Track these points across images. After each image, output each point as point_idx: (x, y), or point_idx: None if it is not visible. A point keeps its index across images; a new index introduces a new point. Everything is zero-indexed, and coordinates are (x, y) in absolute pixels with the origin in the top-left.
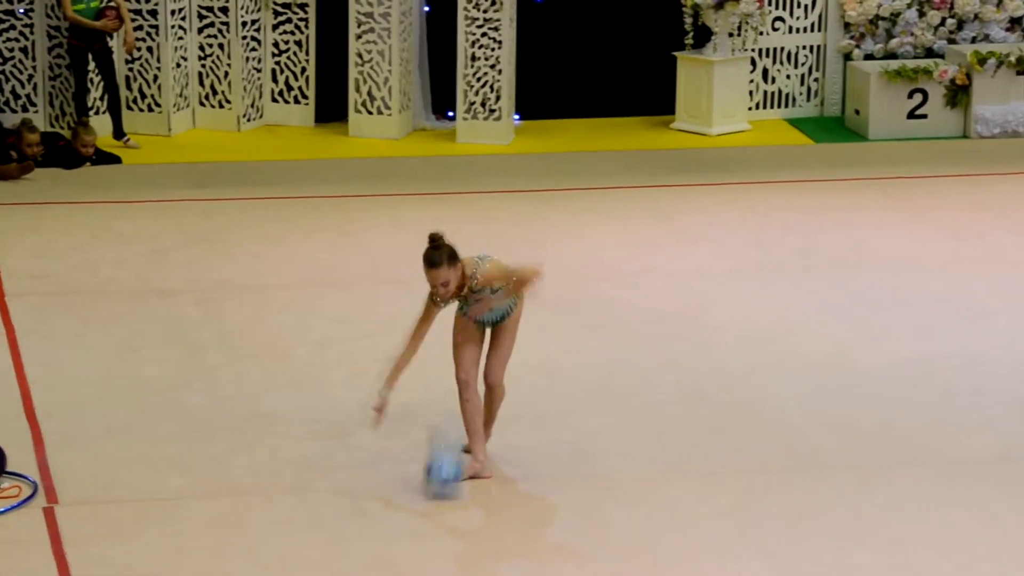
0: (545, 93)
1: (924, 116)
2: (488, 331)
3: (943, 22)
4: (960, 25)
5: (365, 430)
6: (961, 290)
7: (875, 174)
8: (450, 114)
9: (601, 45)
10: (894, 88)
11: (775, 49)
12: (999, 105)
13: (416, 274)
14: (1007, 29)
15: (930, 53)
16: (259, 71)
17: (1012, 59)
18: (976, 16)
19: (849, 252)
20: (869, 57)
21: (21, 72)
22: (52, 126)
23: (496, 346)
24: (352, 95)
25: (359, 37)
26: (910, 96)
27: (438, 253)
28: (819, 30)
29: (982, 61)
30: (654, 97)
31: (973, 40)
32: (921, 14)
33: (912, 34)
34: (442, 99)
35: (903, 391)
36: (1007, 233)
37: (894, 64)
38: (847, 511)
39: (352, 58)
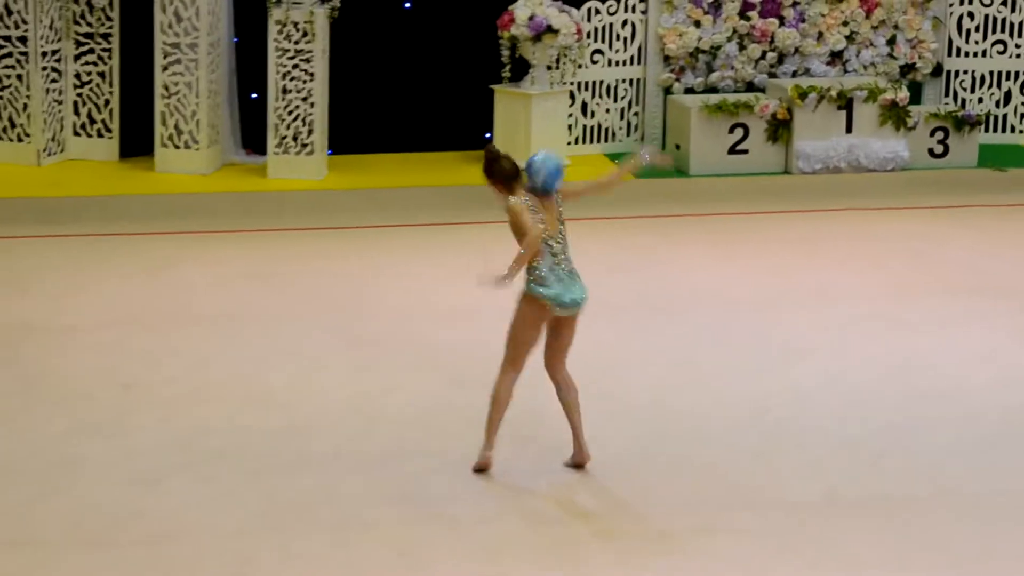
0: (359, 127)
1: (745, 151)
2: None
3: (764, 55)
4: (781, 59)
5: (175, 475)
6: (784, 329)
7: (696, 211)
8: (260, 149)
9: (417, 77)
10: (715, 123)
11: (594, 82)
12: (820, 140)
13: (237, 310)
14: (828, 63)
15: (751, 87)
16: (60, 103)
17: (833, 93)
18: (797, 50)
19: (671, 291)
20: (689, 91)
21: None
22: None
23: (565, 340)
24: (158, 129)
25: (165, 68)
26: (731, 131)
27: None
28: (639, 63)
29: (803, 95)
30: (471, 131)
31: (794, 74)
32: (742, 47)
33: (733, 68)
34: (252, 133)
35: (728, 433)
36: (829, 271)
37: (715, 98)
38: (674, 556)
39: (158, 90)
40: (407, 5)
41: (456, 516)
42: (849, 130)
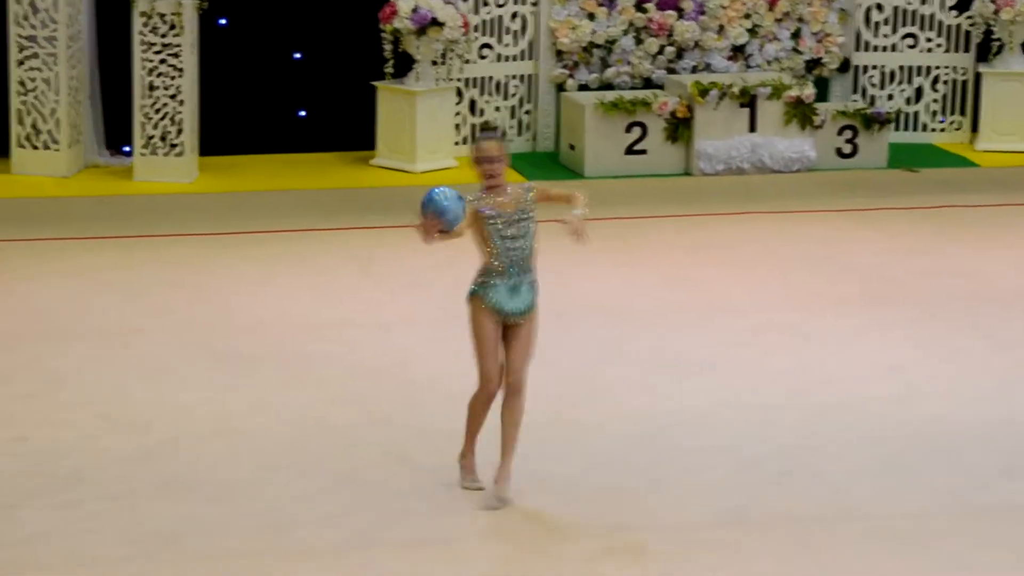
0: (232, 126)
1: (643, 152)
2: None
3: (662, 50)
4: (680, 54)
5: (29, 502)
6: (682, 340)
7: (591, 215)
8: (126, 149)
9: (294, 74)
10: (611, 121)
11: (483, 79)
12: (722, 140)
13: (97, 323)
14: (729, 58)
15: (649, 84)
16: None
17: (735, 90)
18: (696, 44)
19: (564, 299)
20: (584, 88)
21: None
22: None
23: (521, 345)
24: (15, 128)
25: (21, 63)
26: (628, 130)
27: (492, 131)
28: (530, 58)
29: (704, 92)
30: (352, 131)
31: (694, 69)
32: (638, 41)
33: (629, 63)
34: (117, 133)
35: (625, 450)
36: (731, 278)
37: (610, 95)
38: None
39: (14, 87)
40: None
41: (328, 542)
42: (752, 129)
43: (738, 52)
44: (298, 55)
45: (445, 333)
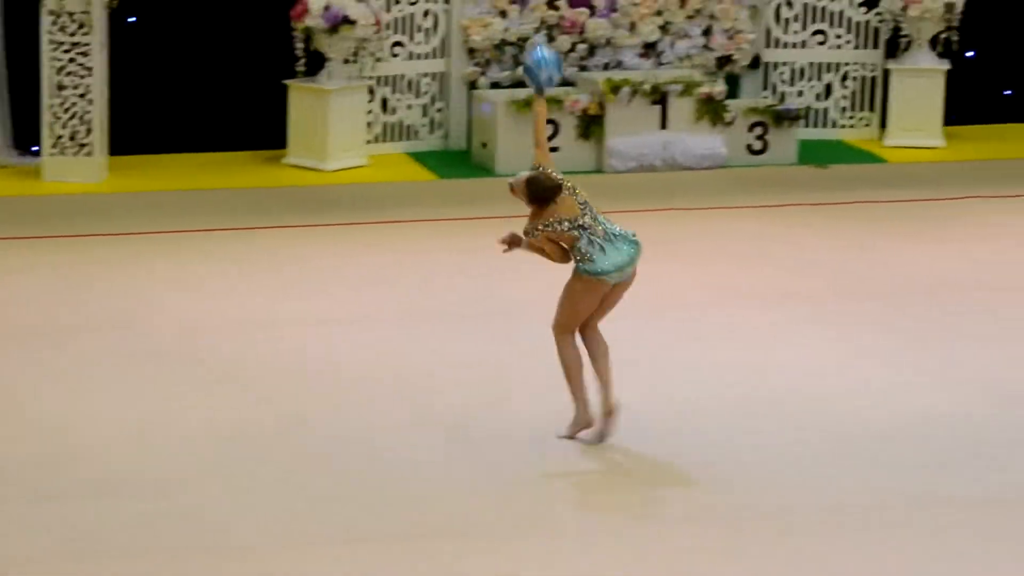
0: (143, 125)
1: (555, 149)
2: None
3: (573, 47)
4: (592, 51)
5: None
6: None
7: (504, 212)
8: (34, 149)
9: (203, 72)
10: (523, 119)
11: (395, 77)
12: (634, 137)
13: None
14: (641, 55)
15: (561, 81)
16: None
17: (647, 87)
18: (608, 41)
19: (480, 299)
20: (496, 85)
21: None
22: None
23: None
24: None
25: None
26: None
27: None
28: (442, 56)
29: (615, 89)
30: (263, 130)
31: (606, 67)
32: (550, 39)
33: None
34: (25, 133)
35: (548, 449)
36: (643, 276)
37: (522, 93)
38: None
39: None
40: None
41: (254, 541)
42: (664, 126)
43: (650, 49)
44: (208, 53)
45: (370, 330)
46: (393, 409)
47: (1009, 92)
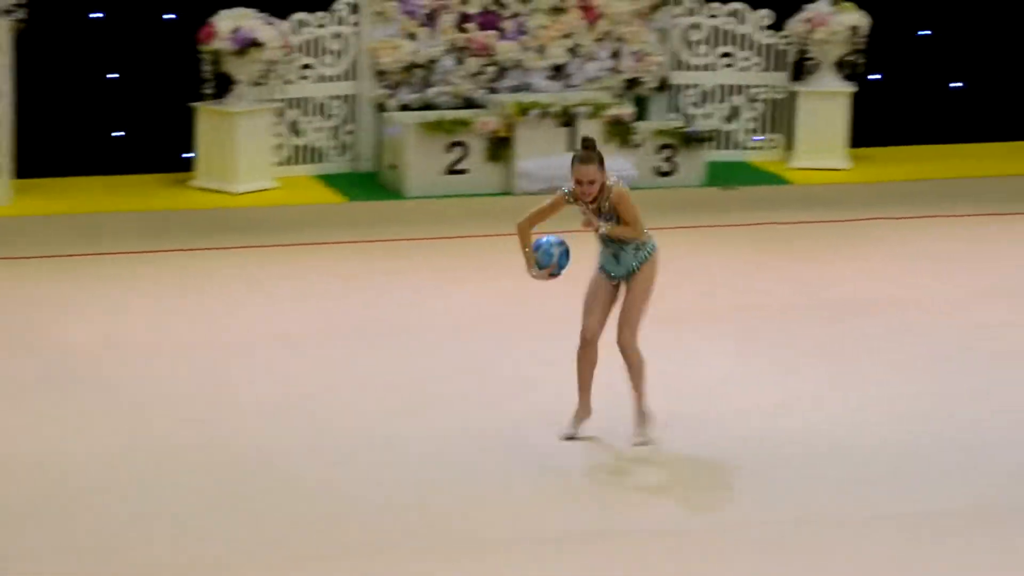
0: (50, 148)
1: (464, 171)
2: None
3: (483, 70)
4: (501, 73)
5: None
6: (506, 358)
7: (414, 234)
8: None
9: (111, 94)
10: (432, 141)
11: (304, 99)
12: (543, 159)
13: None
14: (549, 78)
15: (470, 103)
16: None
17: (555, 110)
18: (517, 64)
19: (387, 318)
20: (405, 108)
21: None
22: None
23: (624, 307)
24: None
25: None
26: (449, 149)
27: (592, 152)
28: (351, 79)
29: (524, 112)
30: (171, 152)
31: (515, 89)
32: (459, 61)
33: (450, 83)
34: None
35: (448, 466)
36: (555, 296)
37: (432, 115)
38: None
39: None
40: (99, 15)
41: (149, 565)
42: (573, 148)
43: (558, 72)
44: (115, 76)
45: (271, 353)
46: (301, 428)
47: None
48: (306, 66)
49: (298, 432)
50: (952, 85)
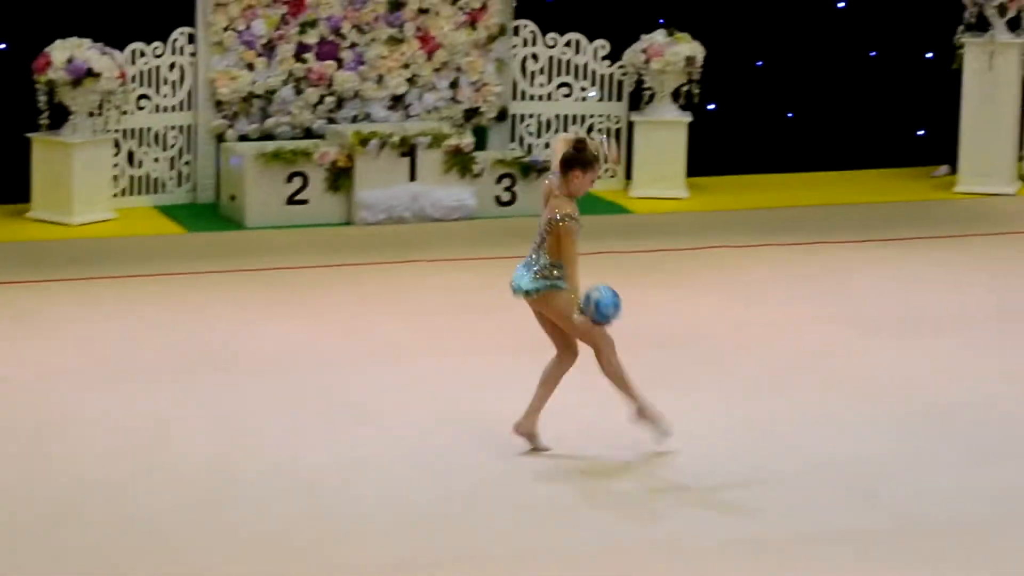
0: None
1: (305, 202)
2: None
3: (322, 100)
4: (340, 103)
5: None
6: (345, 390)
7: (255, 265)
8: None
9: None
10: (272, 172)
11: (141, 130)
12: (383, 189)
13: None
14: (389, 108)
15: (310, 133)
16: None
17: (396, 140)
18: (357, 94)
19: (227, 351)
20: (244, 138)
21: None
22: None
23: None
24: None
25: None
26: (289, 180)
27: (587, 154)
28: (189, 109)
29: (364, 142)
30: (6, 183)
31: (354, 119)
32: (298, 92)
33: (289, 113)
34: None
35: (283, 501)
36: (395, 326)
37: (271, 146)
38: None
39: None
40: None
41: None
42: (413, 178)
43: (398, 102)
44: None
45: (104, 388)
46: (116, 467)
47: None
48: (143, 96)
49: (142, 466)
50: (786, 115)
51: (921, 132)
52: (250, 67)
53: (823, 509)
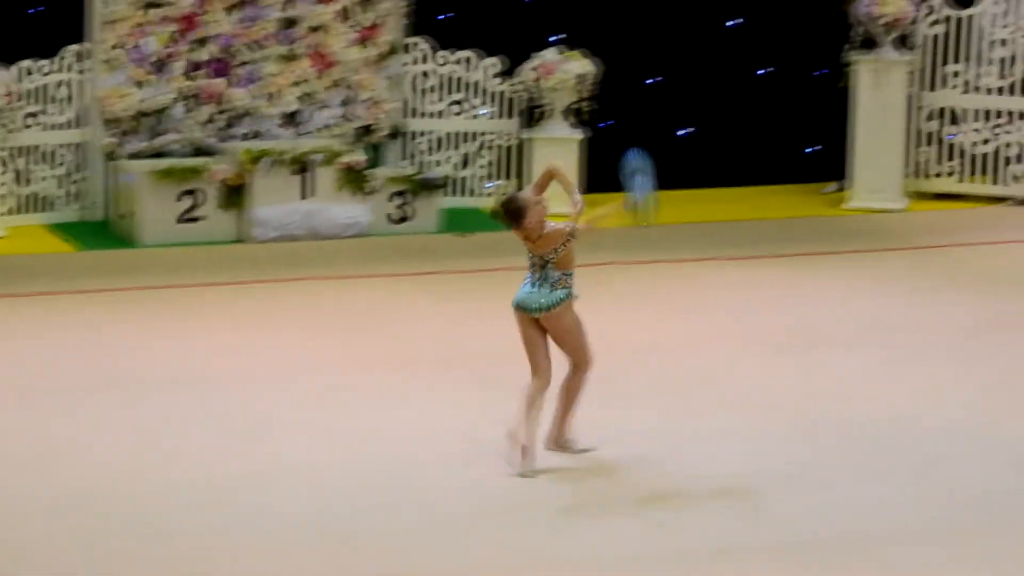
0: None
1: (199, 219)
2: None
3: (214, 118)
4: (232, 121)
5: None
6: (243, 407)
7: (149, 283)
8: None
9: None
10: (164, 189)
11: (30, 148)
12: (277, 206)
13: None
14: (281, 125)
15: (202, 151)
16: None
17: (288, 157)
18: (249, 111)
19: (122, 369)
20: (136, 156)
21: None
22: None
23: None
24: None
25: None
26: (181, 198)
27: (510, 219)
28: (79, 127)
29: (256, 159)
30: None
31: (246, 137)
32: (190, 109)
33: (181, 131)
34: None
35: (187, 517)
36: (289, 344)
37: (163, 163)
38: None
39: None
40: None
41: None
42: (306, 195)
43: (291, 119)
44: None
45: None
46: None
47: None
48: (32, 114)
49: (28, 490)
50: (680, 132)
51: (812, 149)
52: (141, 85)
53: (712, 525)
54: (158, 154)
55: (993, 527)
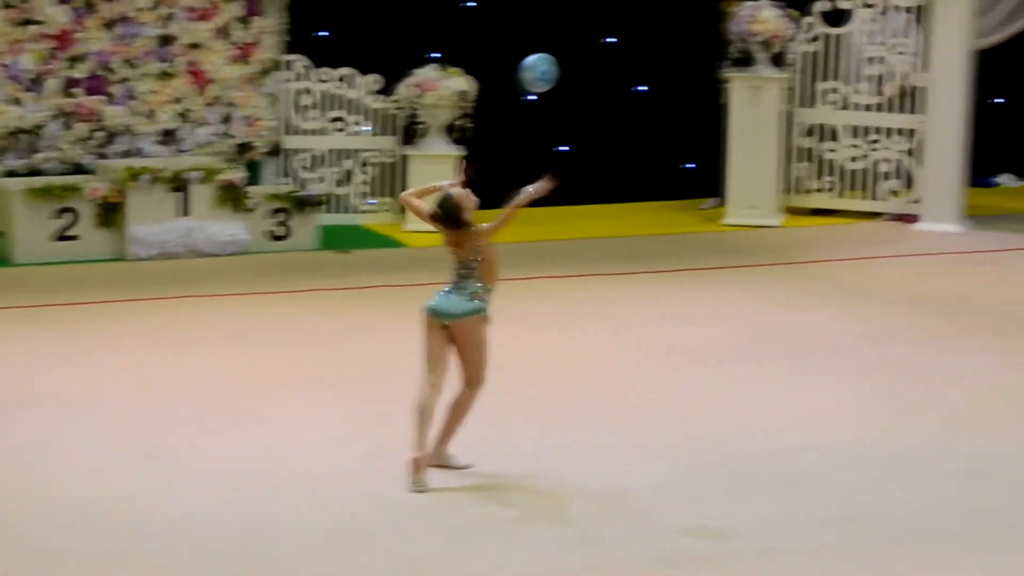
0: None
1: (75, 237)
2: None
3: (91, 135)
4: (110, 138)
5: None
6: (122, 427)
7: (24, 302)
8: None
9: None
10: (40, 207)
11: None
12: (155, 224)
13: None
14: (160, 143)
15: (80, 169)
16: None
17: (167, 175)
18: (127, 129)
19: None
20: (12, 174)
21: None
22: None
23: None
24: None
25: None
26: (58, 216)
27: (450, 220)
28: None
29: (135, 177)
30: None
31: (125, 154)
32: (67, 127)
33: (59, 148)
34: None
35: (63, 540)
36: (171, 363)
37: (39, 181)
38: None
39: None
40: None
41: None
42: (186, 213)
43: (169, 137)
44: None
45: None
46: None
47: None
48: None
49: None
50: (557, 149)
51: (689, 165)
52: (17, 102)
53: (584, 540)
54: (34, 172)
55: (867, 543)
